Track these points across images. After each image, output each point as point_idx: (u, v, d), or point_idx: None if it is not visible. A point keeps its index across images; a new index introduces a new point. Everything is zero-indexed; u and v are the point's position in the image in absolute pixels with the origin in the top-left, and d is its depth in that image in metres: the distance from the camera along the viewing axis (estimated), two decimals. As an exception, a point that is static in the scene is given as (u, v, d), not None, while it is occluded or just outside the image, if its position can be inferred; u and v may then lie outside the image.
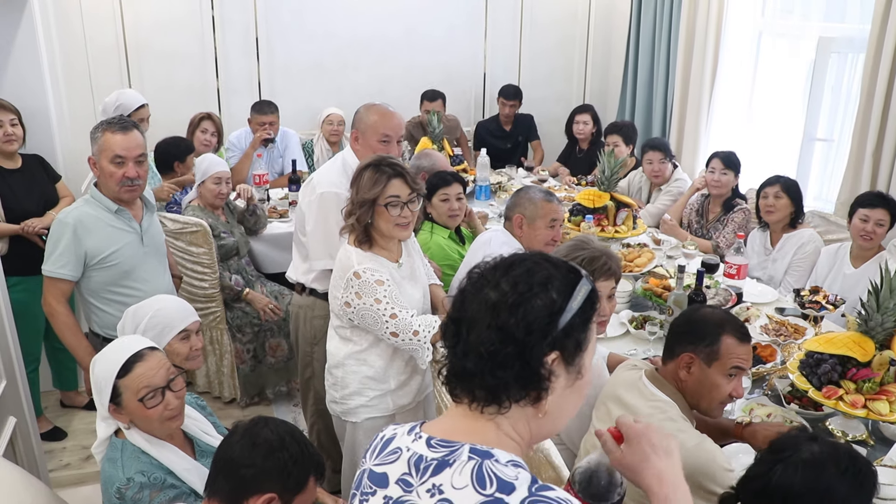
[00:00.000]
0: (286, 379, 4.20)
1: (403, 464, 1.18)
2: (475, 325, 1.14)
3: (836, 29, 4.54)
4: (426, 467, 1.14)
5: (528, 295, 1.13)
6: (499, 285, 1.15)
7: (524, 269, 1.17)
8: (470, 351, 1.14)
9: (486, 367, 1.13)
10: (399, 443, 1.22)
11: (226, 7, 5.62)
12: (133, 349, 2.07)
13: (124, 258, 2.83)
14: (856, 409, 2.26)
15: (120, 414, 2.03)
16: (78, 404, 4.17)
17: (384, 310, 2.43)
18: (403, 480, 1.17)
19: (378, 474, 1.21)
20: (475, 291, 1.18)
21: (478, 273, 1.21)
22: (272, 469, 1.76)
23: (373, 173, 2.47)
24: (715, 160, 4.29)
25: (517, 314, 1.12)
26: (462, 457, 1.12)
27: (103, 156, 2.75)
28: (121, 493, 1.94)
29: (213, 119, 4.91)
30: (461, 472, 1.11)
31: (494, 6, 6.34)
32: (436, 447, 1.16)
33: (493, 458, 1.11)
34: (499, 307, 1.13)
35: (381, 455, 1.24)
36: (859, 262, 3.53)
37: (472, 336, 1.14)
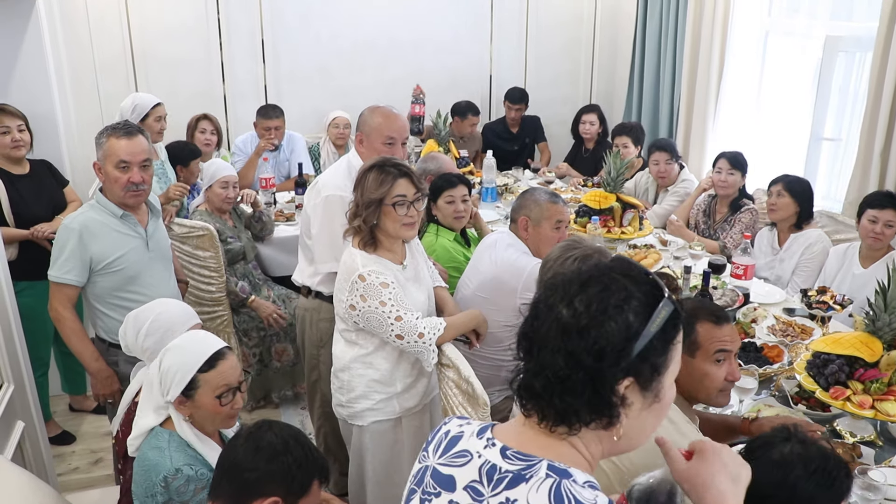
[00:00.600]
0: (292, 383, 4.20)
1: (474, 470, 1.13)
2: (545, 344, 1.10)
3: (844, 28, 4.52)
4: (500, 479, 1.10)
5: (602, 318, 1.07)
6: (572, 303, 1.09)
7: (601, 286, 1.10)
8: (540, 371, 1.10)
9: (555, 390, 1.09)
10: (468, 445, 1.18)
11: (231, 12, 5.64)
12: (216, 345, 2.11)
13: (130, 263, 2.83)
14: (863, 409, 2.25)
15: (184, 406, 2.05)
16: (87, 408, 4.19)
17: (389, 312, 2.43)
18: (473, 488, 1.12)
19: (444, 476, 1.17)
20: (548, 307, 1.12)
21: (554, 283, 1.15)
22: (276, 473, 1.76)
23: (378, 174, 2.48)
24: (721, 160, 4.28)
25: (588, 339, 1.06)
26: (540, 473, 1.08)
27: (108, 161, 2.76)
28: (167, 482, 1.95)
29: (209, 119, 4.94)
30: (538, 489, 1.06)
31: (500, 9, 6.34)
32: (512, 459, 1.11)
33: (571, 477, 1.07)
34: (569, 329, 1.08)
35: (448, 455, 1.19)
36: (868, 262, 3.51)
37: (541, 356, 1.10)
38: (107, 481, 3.46)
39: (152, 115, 4.04)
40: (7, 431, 2.71)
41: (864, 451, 2.30)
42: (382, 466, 2.71)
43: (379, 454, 2.69)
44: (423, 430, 2.76)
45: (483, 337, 2.73)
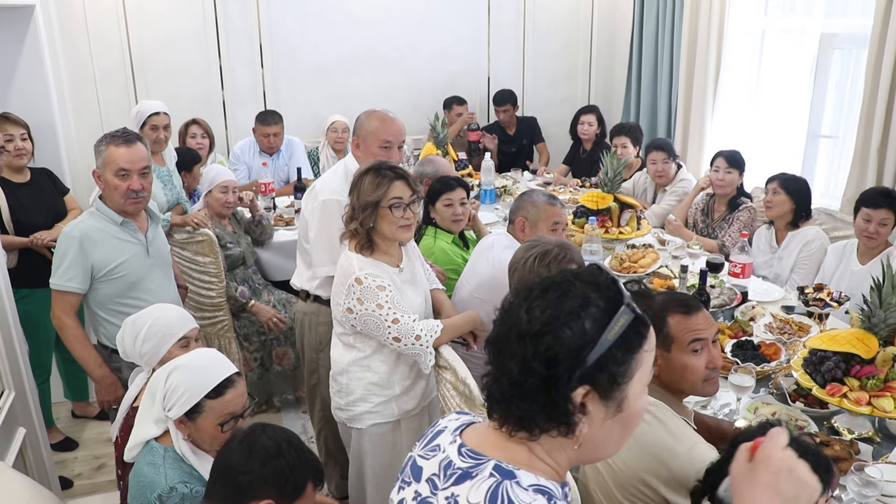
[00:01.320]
0: (293, 387, 4.22)
1: (436, 464, 1.17)
2: (504, 349, 1.09)
3: (839, 25, 4.53)
4: (451, 474, 1.13)
5: (556, 324, 1.05)
6: (532, 309, 1.08)
7: (559, 292, 1.08)
8: (499, 376, 1.10)
9: (511, 396, 1.08)
10: (441, 440, 1.21)
11: (230, 19, 5.66)
12: (226, 372, 2.08)
13: (131, 270, 2.85)
14: (860, 406, 2.25)
15: (184, 426, 2.03)
16: (89, 414, 4.21)
17: (386, 315, 2.44)
18: (432, 481, 1.16)
19: (417, 467, 1.21)
20: (510, 312, 1.11)
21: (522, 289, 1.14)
22: (269, 475, 1.77)
23: (374, 177, 2.49)
24: (719, 159, 4.29)
25: (541, 345, 1.04)
26: (484, 472, 1.09)
27: (107, 169, 2.77)
28: (161, 499, 1.95)
29: (199, 123, 4.96)
30: (479, 487, 1.08)
31: (497, 12, 6.36)
32: (464, 457, 1.14)
33: (515, 479, 1.07)
34: (524, 335, 1.06)
35: (426, 447, 1.23)
36: (866, 258, 3.51)
37: (499, 361, 1.10)
38: (109, 487, 3.48)
39: (148, 124, 4.04)
40: (8, 438, 2.73)
41: (861, 448, 2.30)
42: (382, 469, 2.71)
43: (378, 457, 2.70)
44: (421, 433, 2.74)
45: (480, 338, 2.74)
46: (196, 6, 5.55)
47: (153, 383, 2.11)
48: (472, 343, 2.73)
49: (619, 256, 3.69)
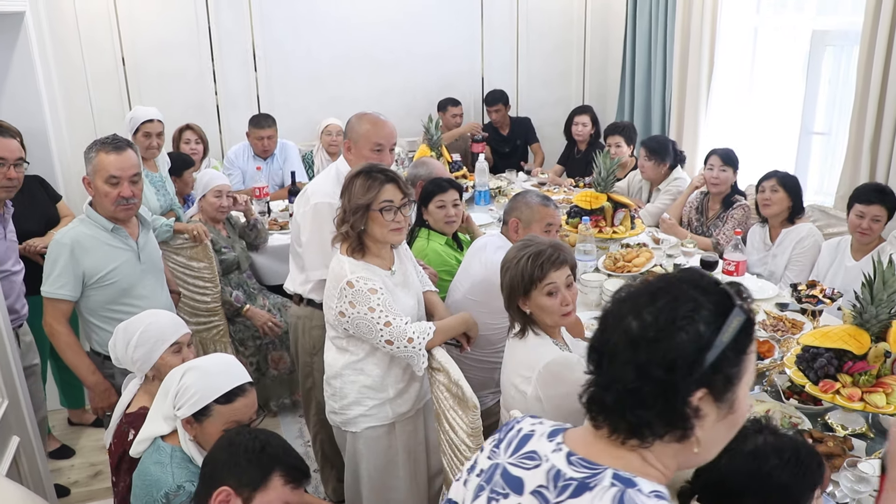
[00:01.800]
0: (289, 391, 4.22)
1: (542, 474, 1.13)
2: (615, 357, 1.09)
3: (830, 22, 4.54)
4: (565, 486, 1.09)
5: (672, 329, 1.05)
6: (641, 315, 1.08)
7: (669, 297, 1.08)
8: (611, 384, 1.09)
9: (626, 404, 1.07)
10: (538, 447, 1.18)
11: (223, 24, 5.66)
12: (240, 380, 2.09)
13: (122, 276, 2.85)
14: (853, 402, 2.25)
15: (191, 426, 2.05)
16: (85, 422, 4.20)
17: (378, 318, 2.44)
18: (540, 493, 1.12)
19: (514, 477, 1.17)
20: (617, 319, 1.11)
21: (623, 296, 1.14)
22: (226, 462, 1.79)
23: (365, 180, 2.49)
24: (713, 157, 4.29)
25: (659, 351, 1.05)
26: (604, 482, 1.07)
27: (98, 176, 2.77)
28: (168, 498, 1.95)
29: (193, 128, 4.96)
30: (601, 498, 1.05)
31: (490, 13, 6.37)
32: (576, 466, 1.11)
33: (636, 487, 1.06)
34: (638, 342, 1.06)
35: (518, 455, 1.19)
36: (860, 254, 3.52)
37: (611, 369, 1.09)
38: (106, 494, 3.49)
39: (142, 131, 4.02)
40: (2, 446, 2.72)
41: (855, 444, 2.30)
42: (377, 472, 2.71)
43: (373, 460, 2.70)
44: (416, 435, 2.77)
45: (474, 340, 2.75)
46: (188, 12, 5.55)
47: (168, 381, 2.12)
48: (465, 344, 2.73)
49: (614, 256, 3.69)
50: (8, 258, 3.26)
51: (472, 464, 1.33)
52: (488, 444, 1.29)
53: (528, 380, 2.29)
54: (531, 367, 2.30)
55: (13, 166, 3.20)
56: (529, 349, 2.36)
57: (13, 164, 3.19)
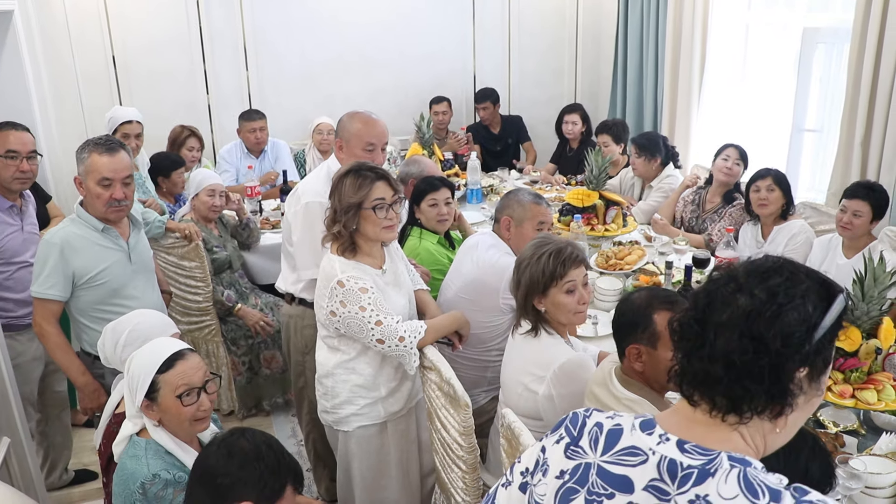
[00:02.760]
0: (282, 390, 4.21)
1: (652, 469, 1.12)
2: (725, 330, 1.11)
3: (821, 19, 4.55)
4: (686, 476, 1.09)
5: (788, 306, 1.09)
6: (753, 293, 1.11)
7: (783, 277, 1.12)
8: (718, 357, 1.11)
9: (736, 375, 1.10)
10: (636, 441, 1.17)
11: (213, 23, 5.64)
12: (175, 347, 2.15)
13: (113, 276, 2.83)
14: (844, 399, 2.26)
15: (152, 410, 2.08)
16: (77, 422, 4.16)
17: (369, 317, 2.43)
18: (656, 488, 1.11)
19: (616, 476, 1.16)
20: (726, 295, 1.14)
21: (725, 275, 1.17)
22: (248, 478, 1.78)
23: (355, 179, 2.48)
24: (730, 149, 4.27)
25: (775, 326, 1.09)
26: (724, 465, 1.08)
27: (90, 177, 2.74)
28: (144, 488, 1.97)
29: (197, 136, 4.95)
30: (726, 479, 1.06)
31: (482, 12, 6.37)
32: (691, 453, 1.11)
33: (751, 465, 1.08)
34: (754, 316, 1.10)
35: (615, 452, 1.18)
36: (851, 252, 3.51)
37: (719, 342, 1.11)
38: (97, 495, 3.47)
39: (120, 131, 4.00)
40: (-8, 448, 2.72)
41: (847, 441, 2.31)
42: (370, 471, 2.71)
43: (366, 459, 2.69)
44: (408, 434, 2.77)
45: (466, 338, 2.75)
46: (179, 10, 5.53)
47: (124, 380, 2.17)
48: (457, 343, 2.72)
49: (606, 254, 3.69)
50: (27, 249, 3.27)
51: (529, 467, 1.31)
52: (556, 444, 1.28)
53: (540, 379, 2.29)
54: (545, 367, 2.30)
55: (26, 159, 3.23)
56: (543, 348, 2.37)
57: (26, 156, 3.23)
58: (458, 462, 2.35)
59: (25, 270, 3.20)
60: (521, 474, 1.33)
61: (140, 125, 4.19)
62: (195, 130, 4.96)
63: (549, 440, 1.30)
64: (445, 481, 2.53)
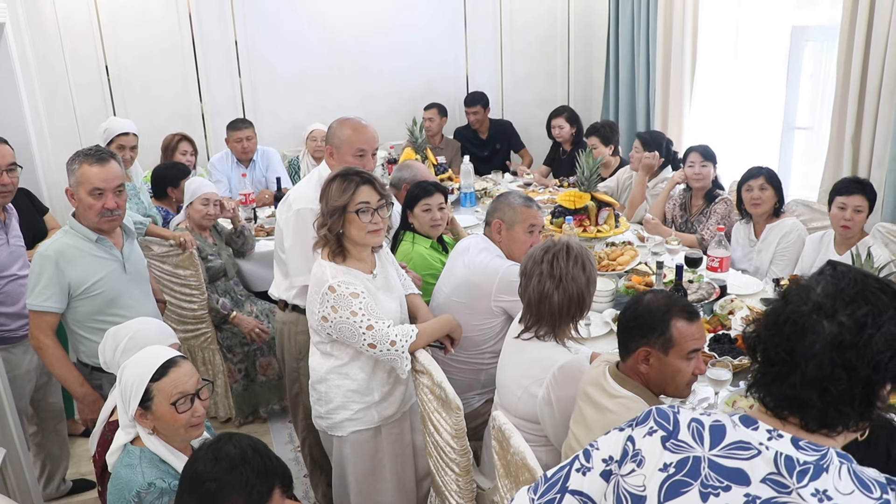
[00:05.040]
0: (279, 397, 4.21)
1: (768, 463, 1.16)
2: (815, 359, 1.15)
3: (809, 17, 4.57)
4: (803, 471, 1.14)
5: (877, 336, 1.14)
6: (841, 321, 1.15)
7: (869, 305, 1.16)
8: (810, 384, 1.16)
9: (830, 400, 1.15)
10: (744, 436, 1.21)
11: (206, 32, 5.66)
12: (168, 355, 2.17)
13: (108, 286, 2.84)
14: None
15: (145, 419, 2.10)
16: (75, 432, 4.17)
17: (360, 322, 2.45)
18: (774, 481, 1.15)
19: (730, 469, 1.19)
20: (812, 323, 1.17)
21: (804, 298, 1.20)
22: (235, 482, 1.80)
23: (341, 182, 2.51)
24: (693, 154, 4.30)
25: (865, 355, 1.13)
26: (834, 461, 1.13)
27: (81, 188, 2.75)
28: (140, 497, 1.98)
29: (189, 140, 4.97)
30: (840, 475, 1.12)
31: (473, 17, 6.39)
32: (806, 450, 1.16)
33: (853, 461, 1.14)
34: (845, 346, 1.14)
35: (725, 447, 1.22)
36: (844, 248, 3.52)
37: (810, 369, 1.15)
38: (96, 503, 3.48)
39: (115, 143, 4.02)
40: (-12, 459, 2.72)
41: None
42: (364, 476, 2.72)
43: (360, 464, 2.70)
44: (403, 438, 2.78)
45: (458, 342, 2.76)
46: (171, 20, 5.55)
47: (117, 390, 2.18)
48: (449, 346, 2.74)
49: (598, 255, 3.70)
50: (13, 263, 3.26)
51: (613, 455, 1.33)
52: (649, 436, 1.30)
53: (540, 381, 2.30)
54: (546, 369, 2.31)
55: (6, 172, 3.20)
56: (543, 350, 2.38)
57: (6, 169, 3.19)
58: (451, 465, 2.36)
59: (15, 283, 3.22)
60: (603, 461, 1.34)
61: (136, 137, 4.20)
62: (186, 135, 4.99)
63: (638, 431, 1.32)
64: (440, 484, 2.55)
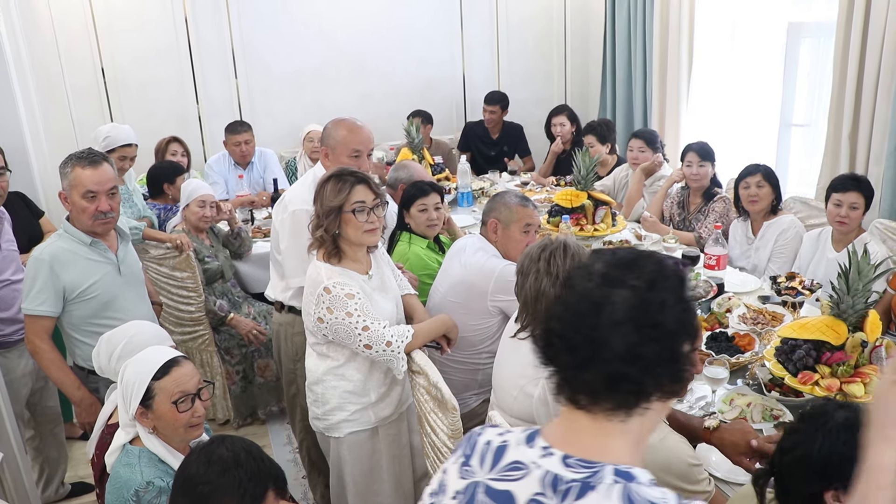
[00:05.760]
0: (277, 398, 4.20)
1: (535, 483, 1.10)
2: (617, 328, 1.10)
3: (805, 14, 4.56)
4: (567, 490, 1.07)
5: (666, 291, 1.12)
6: (627, 283, 1.11)
7: (651, 265, 1.14)
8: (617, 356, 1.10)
9: (640, 368, 1.10)
10: (520, 456, 1.15)
11: (201, 33, 5.66)
12: (170, 354, 2.18)
13: (103, 290, 2.83)
14: (831, 392, 2.26)
15: (146, 418, 2.10)
16: (74, 435, 4.17)
17: (356, 323, 2.44)
18: (538, 502, 1.10)
19: (499, 492, 1.14)
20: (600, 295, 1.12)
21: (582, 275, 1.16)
22: (227, 485, 1.80)
23: (335, 183, 2.50)
24: (690, 154, 4.29)
25: (664, 311, 1.11)
26: (606, 479, 1.06)
27: (75, 191, 2.74)
28: (138, 495, 1.98)
29: (179, 141, 4.98)
30: (608, 496, 1.05)
31: (469, 16, 6.39)
32: (575, 467, 1.09)
33: (635, 479, 1.07)
34: (644, 307, 1.10)
35: (499, 468, 1.16)
36: (841, 245, 3.51)
37: (615, 340, 1.10)
38: (94, 508, 3.47)
39: (118, 153, 4.03)
40: (-15, 463, 2.72)
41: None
42: (362, 477, 2.71)
43: (358, 465, 2.70)
44: (400, 439, 2.77)
45: (454, 342, 2.75)
46: (167, 22, 5.55)
47: (117, 388, 2.18)
48: (445, 347, 2.73)
49: (596, 254, 3.69)
50: (6, 268, 3.26)
51: (435, 488, 1.28)
52: (454, 464, 1.25)
53: (536, 381, 2.29)
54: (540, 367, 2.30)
55: None
56: None
57: None
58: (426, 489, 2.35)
59: (9, 288, 3.21)
60: (429, 496, 1.30)
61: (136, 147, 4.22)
62: (175, 136, 5.00)
63: (451, 460, 1.28)
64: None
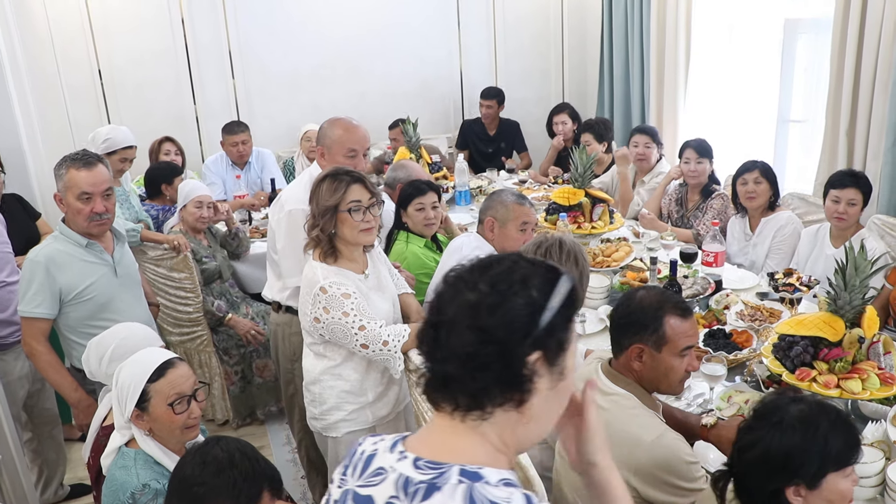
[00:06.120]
0: (276, 398, 4.20)
1: (390, 486, 1.13)
2: (454, 327, 1.11)
3: (802, 10, 4.56)
4: (415, 491, 1.09)
5: (508, 294, 1.10)
6: (477, 286, 1.12)
7: (502, 268, 1.14)
8: (450, 355, 1.11)
9: (467, 369, 1.10)
10: (382, 462, 1.17)
11: (198, 34, 5.66)
12: (165, 356, 2.18)
13: (100, 291, 2.83)
14: (829, 389, 2.26)
15: (142, 420, 2.10)
16: (72, 437, 4.16)
17: (352, 322, 2.44)
18: None
19: (363, 497, 1.16)
20: (453, 294, 1.14)
21: (454, 275, 1.17)
22: (222, 485, 1.80)
23: (331, 182, 2.50)
24: (688, 150, 4.28)
25: (497, 314, 1.09)
26: (451, 479, 1.08)
27: (69, 193, 2.75)
28: (134, 497, 1.98)
29: (172, 140, 4.98)
30: (453, 496, 1.06)
31: (466, 15, 6.40)
32: (423, 469, 1.11)
33: (482, 479, 1.08)
34: (478, 308, 1.10)
35: (366, 475, 1.19)
36: (840, 241, 3.51)
37: (451, 339, 1.11)
38: (93, 509, 3.46)
39: (119, 155, 4.04)
40: (-17, 465, 2.72)
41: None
42: (360, 477, 2.70)
43: (356, 465, 2.69)
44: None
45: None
46: (164, 23, 5.55)
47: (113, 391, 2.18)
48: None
49: (593, 251, 3.69)
50: (1, 269, 3.26)
51: (326, 499, 1.29)
52: (337, 474, 1.27)
53: None
54: None
55: None
56: None
57: None
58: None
59: (3, 290, 3.21)
60: None
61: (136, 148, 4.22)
62: (168, 136, 5.00)
63: (337, 471, 1.29)
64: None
